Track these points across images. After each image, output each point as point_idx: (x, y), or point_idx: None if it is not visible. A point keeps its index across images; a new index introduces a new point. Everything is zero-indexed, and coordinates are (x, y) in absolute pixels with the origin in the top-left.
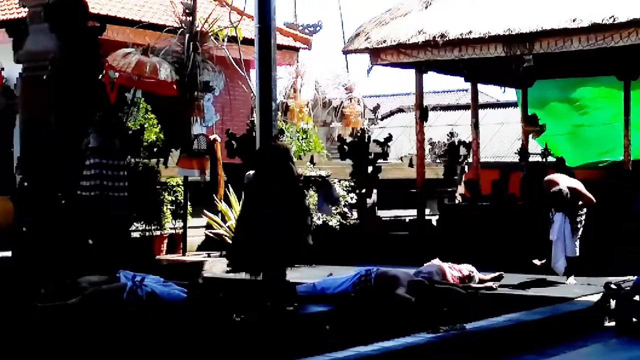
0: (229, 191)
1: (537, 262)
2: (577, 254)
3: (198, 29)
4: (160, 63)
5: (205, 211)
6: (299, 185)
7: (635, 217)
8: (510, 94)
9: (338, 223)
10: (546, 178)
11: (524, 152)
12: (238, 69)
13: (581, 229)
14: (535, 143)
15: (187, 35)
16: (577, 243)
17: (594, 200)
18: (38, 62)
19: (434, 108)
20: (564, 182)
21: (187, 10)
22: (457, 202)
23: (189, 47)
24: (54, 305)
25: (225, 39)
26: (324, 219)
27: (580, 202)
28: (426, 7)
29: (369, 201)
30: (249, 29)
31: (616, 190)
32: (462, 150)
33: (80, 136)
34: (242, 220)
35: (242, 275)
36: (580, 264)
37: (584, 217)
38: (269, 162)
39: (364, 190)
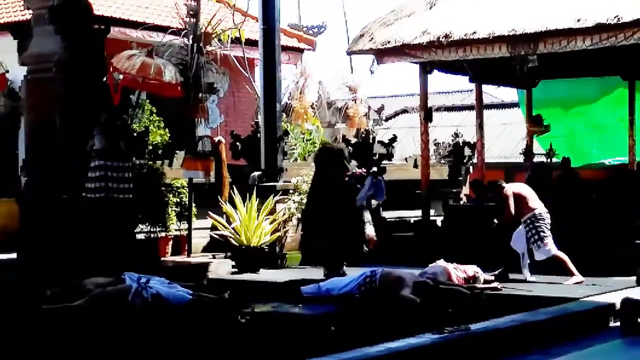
0: (234, 193)
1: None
2: (552, 253)
3: (202, 30)
4: (165, 65)
5: (210, 213)
6: (353, 185)
7: None
8: (514, 94)
9: None
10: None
11: (528, 152)
12: (242, 70)
13: (539, 233)
14: (539, 143)
15: (190, 37)
16: (544, 245)
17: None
18: (43, 64)
19: (439, 109)
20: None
21: (191, 12)
22: (462, 202)
23: (193, 48)
24: (59, 307)
25: (229, 41)
26: None
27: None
28: (430, 8)
29: (374, 202)
30: (253, 30)
31: (620, 191)
32: (467, 151)
33: (85, 138)
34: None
35: (246, 277)
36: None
37: (537, 223)
38: (327, 162)
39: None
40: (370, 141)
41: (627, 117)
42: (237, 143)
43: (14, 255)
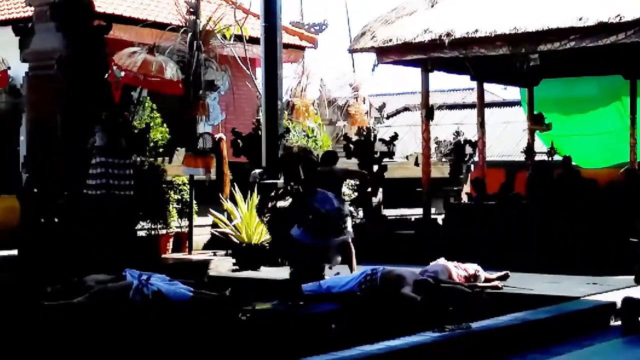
0: (235, 190)
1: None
2: None
3: (201, 27)
4: (166, 62)
5: (211, 210)
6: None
7: None
8: (516, 93)
9: None
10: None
11: (530, 150)
12: (243, 67)
13: None
14: (541, 142)
15: (190, 34)
16: None
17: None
18: (44, 61)
19: (440, 107)
20: None
21: (191, 9)
22: (463, 201)
23: (193, 46)
24: (60, 304)
25: (232, 38)
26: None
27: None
28: (432, 6)
29: (375, 200)
30: (255, 27)
31: (621, 190)
32: (468, 149)
33: (86, 135)
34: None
35: (247, 274)
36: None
37: None
38: (290, 168)
39: (369, 189)
40: (372, 139)
41: (629, 116)
42: (238, 140)
43: (14, 252)
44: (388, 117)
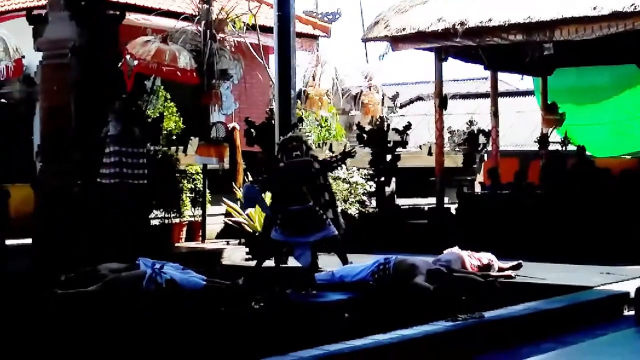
0: (248, 179)
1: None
2: None
3: (215, 16)
4: (180, 51)
5: (224, 199)
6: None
7: None
8: (530, 82)
9: (357, 211)
10: None
11: (543, 140)
12: (257, 56)
13: None
14: (554, 131)
15: (203, 23)
16: None
17: None
18: (58, 50)
19: (454, 96)
20: None
21: None
22: (476, 190)
23: (206, 35)
24: (73, 292)
25: (244, 27)
26: (343, 207)
27: None
28: None
29: (388, 189)
30: (268, 16)
31: (635, 180)
32: (482, 139)
33: (99, 124)
34: None
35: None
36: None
37: None
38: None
39: (382, 179)
40: (385, 129)
41: None
42: (252, 129)
43: (28, 241)
44: (401, 107)
